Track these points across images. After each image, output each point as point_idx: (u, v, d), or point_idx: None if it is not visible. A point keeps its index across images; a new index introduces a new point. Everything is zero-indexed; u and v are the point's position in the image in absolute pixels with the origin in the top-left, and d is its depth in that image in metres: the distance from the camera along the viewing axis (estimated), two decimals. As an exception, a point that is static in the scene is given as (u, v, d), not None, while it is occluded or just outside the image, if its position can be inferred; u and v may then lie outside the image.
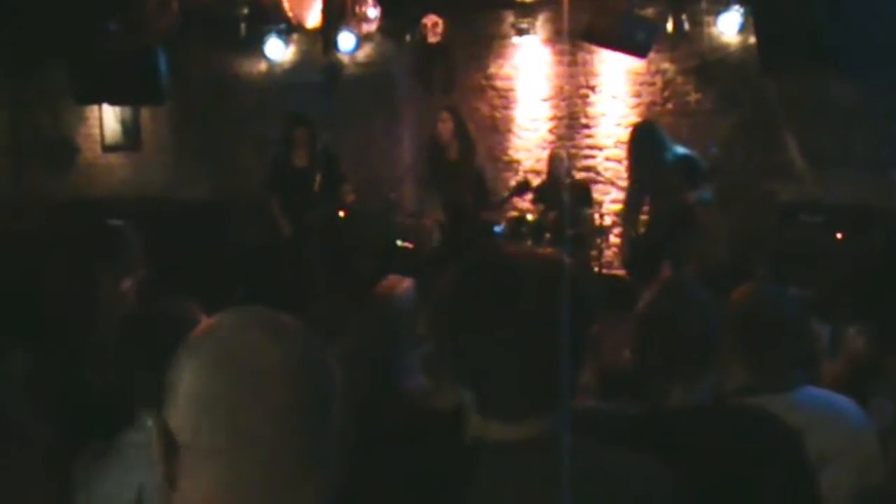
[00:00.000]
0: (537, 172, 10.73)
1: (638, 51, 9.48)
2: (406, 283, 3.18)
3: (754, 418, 2.64)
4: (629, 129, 8.83)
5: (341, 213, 9.19)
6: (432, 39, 10.66)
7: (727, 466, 2.48)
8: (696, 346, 2.64)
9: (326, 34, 11.12)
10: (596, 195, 10.22)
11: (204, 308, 2.54)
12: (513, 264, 1.96)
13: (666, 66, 10.31)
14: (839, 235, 8.17)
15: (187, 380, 1.38)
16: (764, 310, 3.12)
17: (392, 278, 3.26)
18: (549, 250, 2.10)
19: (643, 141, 8.06)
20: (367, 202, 9.96)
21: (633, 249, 8.36)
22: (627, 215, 8.95)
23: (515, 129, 11.18)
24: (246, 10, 11.17)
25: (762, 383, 3.03)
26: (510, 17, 11.03)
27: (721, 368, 2.91)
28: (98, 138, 13.68)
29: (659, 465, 1.95)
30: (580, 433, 1.88)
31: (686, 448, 2.33)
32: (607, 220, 9.99)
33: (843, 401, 3.16)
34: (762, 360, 3.07)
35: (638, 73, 10.47)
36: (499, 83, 11.31)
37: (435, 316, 2.55)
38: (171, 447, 1.37)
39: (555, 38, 10.85)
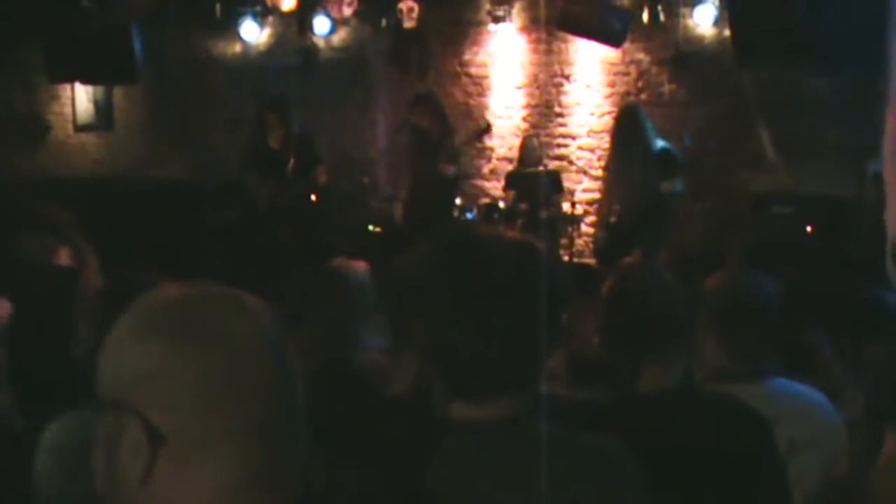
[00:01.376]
0: (510, 160, 10.74)
1: (613, 40, 9.50)
2: (361, 264, 3.20)
3: (724, 406, 2.65)
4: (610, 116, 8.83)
5: (314, 197, 9.14)
6: (408, 24, 10.63)
7: (696, 453, 2.48)
8: (660, 324, 2.67)
9: (302, 17, 11.08)
10: (568, 184, 10.23)
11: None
12: (485, 244, 1.95)
13: (641, 56, 10.34)
14: (809, 229, 8.20)
15: (152, 357, 1.27)
16: (738, 297, 3.13)
17: (342, 259, 3.27)
18: (520, 233, 2.09)
19: (624, 123, 8.06)
20: (340, 185, 9.93)
21: (606, 237, 8.35)
22: (603, 203, 8.93)
23: (489, 116, 11.15)
24: (221, -9, 11.13)
25: (734, 371, 3.05)
26: (486, 4, 10.99)
27: (693, 355, 2.93)
28: (70, 117, 13.55)
29: (623, 449, 1.94)
30: (547, 418, 1.87)
31: (655, 434, 2.34)
32: (578, 209, 9.99)
33: (812, 392, 3.18)
34: (734, 348, 3.08)
35: (612, 63, 10.48)
36: (473, 70, 11.28)
37: (399, 293, 2.54)
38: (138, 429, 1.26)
39: (530, 25, 10.84)
